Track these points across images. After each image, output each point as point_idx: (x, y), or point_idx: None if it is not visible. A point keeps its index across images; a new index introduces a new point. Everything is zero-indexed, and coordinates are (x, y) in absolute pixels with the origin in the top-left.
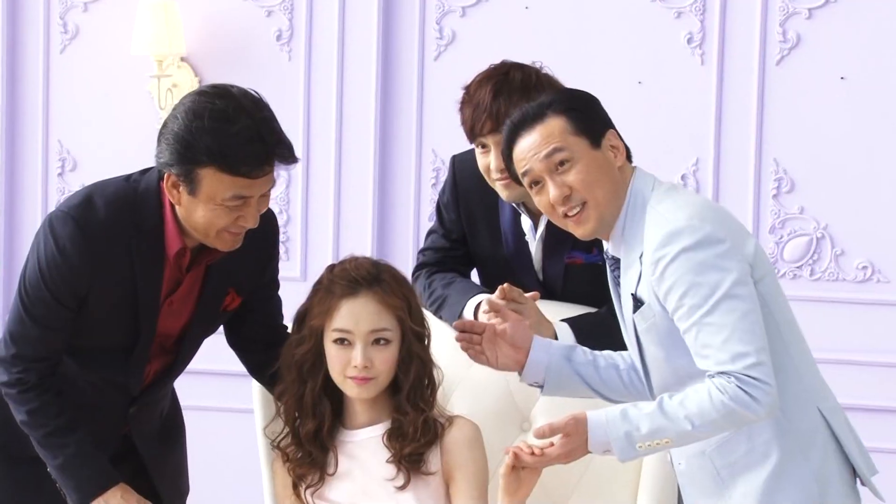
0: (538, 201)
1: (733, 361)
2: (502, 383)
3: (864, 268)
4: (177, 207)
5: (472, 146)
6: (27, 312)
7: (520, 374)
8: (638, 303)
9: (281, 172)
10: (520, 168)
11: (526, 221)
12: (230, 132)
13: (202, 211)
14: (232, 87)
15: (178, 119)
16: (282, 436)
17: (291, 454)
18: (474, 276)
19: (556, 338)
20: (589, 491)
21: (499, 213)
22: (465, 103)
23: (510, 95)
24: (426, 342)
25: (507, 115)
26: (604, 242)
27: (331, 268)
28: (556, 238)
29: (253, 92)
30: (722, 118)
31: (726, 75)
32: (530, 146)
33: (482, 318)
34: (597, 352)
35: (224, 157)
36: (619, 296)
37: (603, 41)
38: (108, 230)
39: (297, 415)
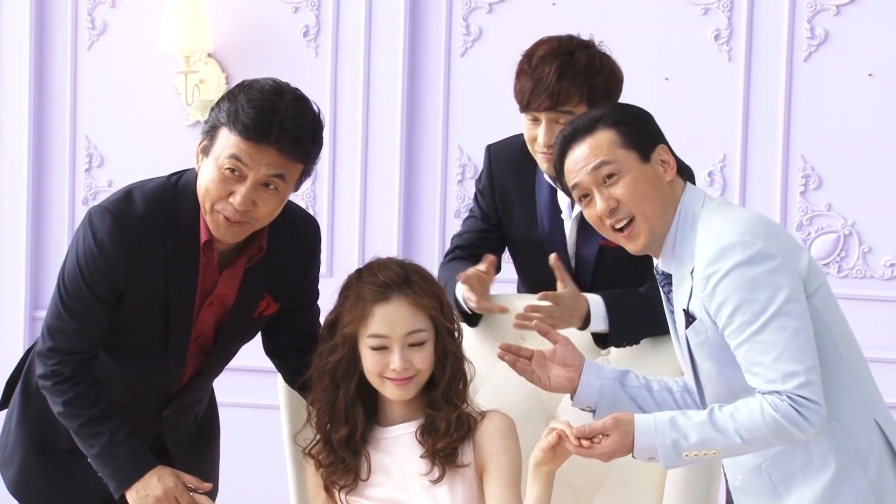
0: (587, 214)
1: (784, 381)
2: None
3: (892, 265)
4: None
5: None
6: (65, 306)
7: (572, 397)
8: (690, 318)
9: None
10: (570, 180)
11: (564, 199)
12: (251, 97)
13: (206, 173)
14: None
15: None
16: (313, 443)
17: (324, 460)
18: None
19: (589, 309)
20: (615, 487)
21: (535, 195)
22: (524, 73)
23: (574, 78)
24: (458, 338)
25: (568, 97)
26: (654, 259)
27: (357, 273)
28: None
29: (308, 98)
30: (749, 115)
31: (754, 72)
32: (579, 159)
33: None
34: (649, 376)
35: (235, 115)
36: (671, 312)
37: (630, 37)
38: (146, 225)
39: (328, 421)
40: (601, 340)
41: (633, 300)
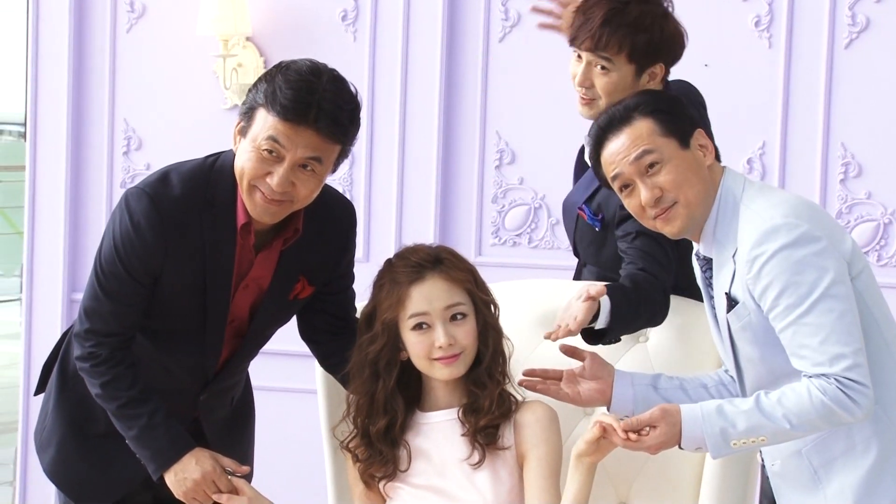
0: (628, 204)
1: (831, 363)
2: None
3: None
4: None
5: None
6: (101, 288)
7: (608, 408)
8: (732, 302)
9: None
10: (609, 171)
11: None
12: (289, 78)
13: (243, 153)
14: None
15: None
16: (350, 437)
17: (361, 455)
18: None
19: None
20: (652, 473)
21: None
22: (579, 9)
23: (617, 29)
24: (496, 312)
25: (608, 44)
26: (694, 244)
27: (388, 262)
28: (582, 181)
29: (346, 79)
30: (789, 102)
31: (794, 59)
32: (619, 149)
33: None
34: (681, 375)
35: (272, 95)
36: (710, 297)
37: None
38: (182, 206)
39: (366, 416)
40: (593, 337)
41: (633, 295)
